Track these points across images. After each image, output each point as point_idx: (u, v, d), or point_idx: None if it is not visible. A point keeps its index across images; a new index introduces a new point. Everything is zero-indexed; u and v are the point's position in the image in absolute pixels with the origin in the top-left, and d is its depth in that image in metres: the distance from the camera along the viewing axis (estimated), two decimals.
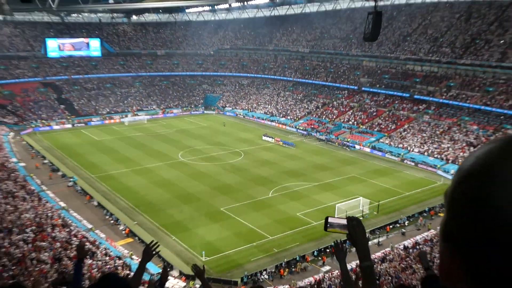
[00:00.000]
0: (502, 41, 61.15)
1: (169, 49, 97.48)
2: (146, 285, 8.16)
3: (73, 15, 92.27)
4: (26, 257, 24.30)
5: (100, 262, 25.90)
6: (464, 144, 52.39)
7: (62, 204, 37.05)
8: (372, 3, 29.43)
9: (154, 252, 4.33)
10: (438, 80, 64.78)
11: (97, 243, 29.71)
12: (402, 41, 74.22)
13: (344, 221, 2.44)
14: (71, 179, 43.62)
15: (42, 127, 67.56)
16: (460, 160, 49.16)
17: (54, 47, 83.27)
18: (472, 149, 50.72)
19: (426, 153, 53.15)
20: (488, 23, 66.04)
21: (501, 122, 53.85)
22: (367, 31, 27.14)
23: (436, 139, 55.52)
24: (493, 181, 0.85)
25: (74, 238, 28.82)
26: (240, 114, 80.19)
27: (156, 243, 4.40)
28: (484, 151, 0.90)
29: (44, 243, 26.55)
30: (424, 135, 57.37)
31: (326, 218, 2.52)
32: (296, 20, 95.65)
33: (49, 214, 32.09)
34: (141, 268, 4.32)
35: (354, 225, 2.37)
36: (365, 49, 77.07)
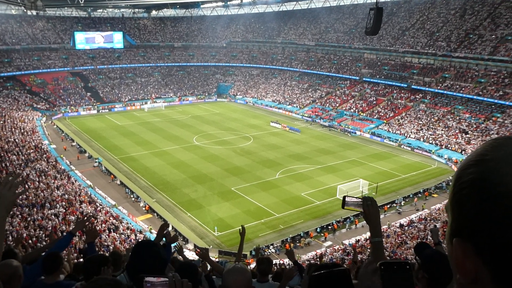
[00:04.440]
0: (493, 36, 59.85)
1: (185, 41, 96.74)
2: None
3: (99, 10, 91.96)
4: (58, 229, 24.60)
5: (123, 235, 26.15)
6: (457, 131, 51.69)
7: (89, 182, 37.40)
8: (374, 0, 28.77)
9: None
10: (434, 72, 63.66)
11: (120, 218, 30.00)
12: (401, 35, 72.88)
13: (360, 201, 2.43)
14: (97, 160, 43.86)
15: (71, 112, 67.87)
16: (453, 146, 48.66)
17: (82, 39, 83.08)
18: (464, 135, 50.19)
19: (421, 139, 52.53)
20: (481, 19, 64.50)
21: (491, 111, 53.00)
22: (368, 26, 26.62)
23: (431, 126, 54.79)
24: (488, 162, 0.79)
25: (100, 214, 29.10)
26: (250, 102, 79.70)
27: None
28: (474, 151, 0.86)
29: (73, 217, 26.84)
30: (420, 122, 56.62)
31: (344, 197, 2.45)
32: (303, 15, 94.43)
33: (77, 192, 32.43)
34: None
35: (368, 204, 2.39)
36: (366, 43, 75.83)
